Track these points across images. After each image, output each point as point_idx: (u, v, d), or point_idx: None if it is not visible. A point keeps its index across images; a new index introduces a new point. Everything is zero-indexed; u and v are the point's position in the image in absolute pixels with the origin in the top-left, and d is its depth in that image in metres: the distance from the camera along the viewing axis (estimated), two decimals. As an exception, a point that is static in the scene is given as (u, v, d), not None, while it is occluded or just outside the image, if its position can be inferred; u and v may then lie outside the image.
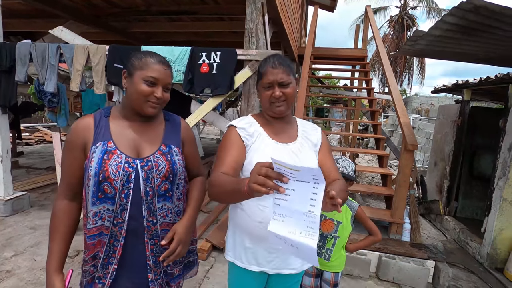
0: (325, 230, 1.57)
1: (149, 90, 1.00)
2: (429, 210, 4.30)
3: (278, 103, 1.11)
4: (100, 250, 1.00)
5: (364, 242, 1.66)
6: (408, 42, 2.60)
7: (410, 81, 19.59)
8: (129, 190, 0.98)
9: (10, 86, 3.35)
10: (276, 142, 1.13)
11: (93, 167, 0.96)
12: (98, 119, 1.04)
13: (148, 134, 1.08)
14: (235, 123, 1.15)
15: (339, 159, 1.58)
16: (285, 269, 1.15)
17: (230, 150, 1.09)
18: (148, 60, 1.01)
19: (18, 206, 3.66)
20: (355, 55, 6.40)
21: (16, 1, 4.03)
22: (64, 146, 1.05)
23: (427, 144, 8.85)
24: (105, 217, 0.98)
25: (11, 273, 2.43)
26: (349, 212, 1.58)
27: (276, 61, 1.09)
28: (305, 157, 1.13)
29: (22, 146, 7.94)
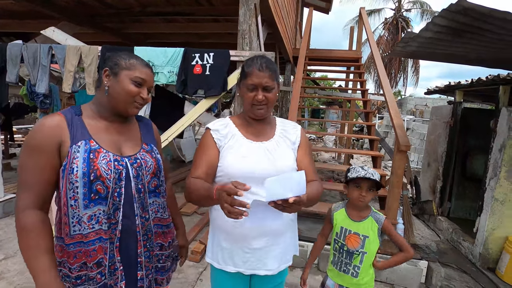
0: (350, 246, 1.46)
1: (136, 90, 1.01)
2: (422, 210, 4.33)
3: (259, 106, 1.12)
4: (103, 256, 0.95)
5: (395, 259, 1.48)
6: (399, 44, 2.63)
7: (405, 82, 19.78)
8: (121, 189, 0.96)
9: (1, 88, 3.31)
10: (251, 141, 1.15)
11: (80, 168, 0.90)
12: (69, 118, 0.97)
13: (127, 133, 1.08)
14: (210, 125, 1.19)
15: (364, 166, 1.48)
16: (260, 269, 1.15)
17: (203, 154, 1.14)
18: (135, 62, 1.02)
19: (9, 208, 3.62)
20: (349, 56, 6.43)
21: (8, 1, 3.99)
22: (26, 149, 0.91)
23: (421, 145, 8.92)
24: (102, 219, 0.94)
25: (1, 277, 2.39)
26: (375, 225, 1.46)
27: (264, 64, 1.09)
28: (280, 155, 1.15)
29: (14, 148, 7.84)
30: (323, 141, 13.39)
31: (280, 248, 1.16)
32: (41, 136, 0.92)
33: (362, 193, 1.43)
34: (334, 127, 14.44)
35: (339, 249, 1.49)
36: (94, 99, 1.05)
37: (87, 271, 0.94)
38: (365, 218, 1.48)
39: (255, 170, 1.09)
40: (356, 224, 1.47)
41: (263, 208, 1.01)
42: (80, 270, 0.94)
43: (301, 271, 2.74)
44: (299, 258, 2.80)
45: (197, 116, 2.92)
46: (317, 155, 9.56)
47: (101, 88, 1.02)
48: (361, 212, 1.49)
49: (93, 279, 0.95)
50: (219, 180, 1.13)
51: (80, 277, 0.94)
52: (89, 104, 1.05)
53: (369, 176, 1.39)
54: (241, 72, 1.16)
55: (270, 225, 1.09)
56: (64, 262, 0.95)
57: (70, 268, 0.94)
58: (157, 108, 3.12)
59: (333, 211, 1.56)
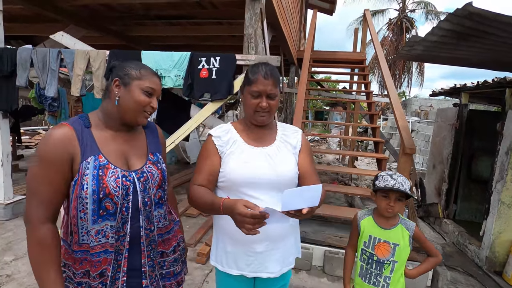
0: (380, 256, 1.40)
1: (147, 100, 1.02)
2: (428, 213, 4.32)
3: (262, 113, 1.14)
4: (107, 268, 0.97)
5: (426, 265, 1.46)
6: (405, 48, 2.63)
7: (409, 83, 19.68)
8: (128, 203, 0.98)
9: (11, 91, 3.38)
10: (252, 147, 1.17)
11: (89, 185, 0.91)
12: (79, 130, 0.96)
13: (134, 144, 1.08)
14: (212, 132, 1.21)
15: (393, 174, 1.38)
16: (263, 272, 1.17)
17: (205, 161, 1.16)
18: (145, 72, 1.04)
19: (18, 210, 3.68)
20: (354, 58, 6.43)
21: (17, 6, 4.07)
22: (38, 160, 0.91)
23: (426, 146, 8.86)
24: (109, 234, 0.96)
25: (11, 278, 2.44)
26: (406, 232, 1.41)
27: (269, 72, 1.12)
28: (281, 160, 1.17)
29: (22, 150, 7.95)
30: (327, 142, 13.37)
31: (280, 252, 1.18)
32: (53, 150, 0.91)
33: (390, 204, 1.36)
34: (338, 128, 14.41)
35: (368, 260, 1.43)
36: (101, 108, 1.05)
37: (89, 279, 0.96)
38: (395, 225, 1.43)
39: (257, 175, 1.11)
40: (386, 232, 1.42)
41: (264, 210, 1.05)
42: (82, 276, 0.96)
43: (307, 274, 2.76)
44: (304, 260, 2.81)
45: (203, 119, 2.95)
46: (321, 157, 9.55)
47: (110, 98, 1.02)
48: (390, 220, 1.44)
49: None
50: (222, 186, 1.16)
51: (81, 284, 0.96)
52: (97, 113, 1.05)
53: (397, 187, 1.32)
54: (245, 78, 1.18)
55: (271, 230, 1.11)
56: (69, 265, 0.98)
57: (74, 273, 0.97)
58: (164, 112, 3.16)
59: (359, 219, 1.51)
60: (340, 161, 9.02)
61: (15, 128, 6.12)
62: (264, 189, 1.12)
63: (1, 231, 3.23)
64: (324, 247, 2.88)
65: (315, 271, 2.82)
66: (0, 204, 3.50)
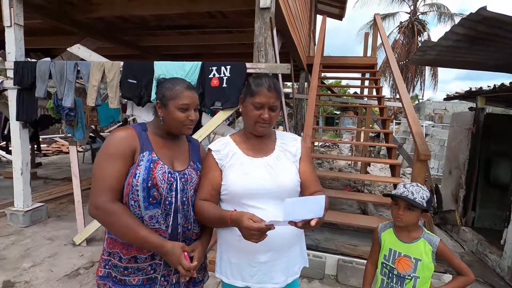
0: (401, 270, 1.34)
1: (184, 116, 1.14)
2: (444, 220, 4.19)
3: (263, 124, 1.17)
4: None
5: (453, 284, 1.36)
6: (417, 53, 2.60)
7: (422, 86, 19.30)
8: (171, 198, 1.10)
9: (31, 103, 3.51)
10: (251, 158, 1.19)
11: (141, 174, 1.05)
12: (138, 132, 1.14)
13: (179, 150, 1.23)
14: (211, 146, 1.25)
15: (409, 184, 1.34)
16: (268, 283, 1.16)
17: (206, 176, 1.20)
18: (178, 89, 1.14)
19: (36, 217, 3.78)
20: (364, 63, 6.38)
21: (36, 21, 4.26)
22: (106, 155, 1.07)
23: (441, 151, 8.64)
24: (160, 221, 1.09)
25: (30, 284, 2.50)
26: (429, 247, 1.34)
27: (272, 85, 1.15)
28: (282, 169, 1.18)
29: (40, 157, 8.21)
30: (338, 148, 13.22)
31: (284, 262, 1.17)
32: (119, 143, 1.08)
33: (399, 212, 1.34)
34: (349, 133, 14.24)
35: (388, 274, 1.38)
36: (153, 121, 1.22)
37: (137, 263, 1.09)
38: (417, 239, 1.37)
39: (257, 186, 1.13)
40: (406, 246, 1.36)
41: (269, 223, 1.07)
42: (128, 262, 1.08)
43: (320, 283, 2.71)
44: (317, 269, 2.76)
45: (215, 127, 2.98)
46: (333, 163, 9.44)
47: (157, 116, 1.19)
48: (411, 233, 1.38)
49: (143, 271, 1.09)
50: (224, 198, 1.18)
51: (127, 268, 1.08)
52: (150, 123, 1.22)
53: (405, 195, 1.29)
54: (247, 88, 1.20)
55: (274, 240, 1.11)
56: (114, 253, 1.10)
57: (121, 258, 1.08)
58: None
59: (380, 231, 1.46)
60: (352, 167, 8.89)
61: (34, 136, 6.35)
62: (266, 199, 1.13)
63: (20, 238, 3.33)
64: (337, 256, 2.83)
65: (328, 280, 2.77)
66: (19, 212, 3.62)
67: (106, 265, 1.12)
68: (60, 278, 2.59)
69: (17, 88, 3.48)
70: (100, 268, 1.15)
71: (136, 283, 1.09)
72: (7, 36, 3.45)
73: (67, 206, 4.45)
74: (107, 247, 1.13)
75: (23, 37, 3.57)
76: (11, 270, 2.69)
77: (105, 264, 1.13)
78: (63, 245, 3.21)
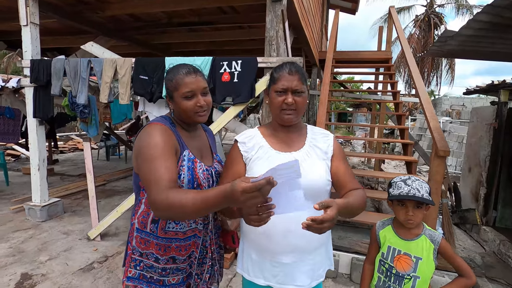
0: (400, 269, 1.26)
1: (192, 104, 1.07)
2: (464, 219, 4.02)
3: (288, 111, 1.09)
4: (195, 250, 1.11)
5: (454, 285, 1.27)
6: (436, 43, 2.48)
7: (439, 81, 18.69)
8: None
9: (47, 100, 3.59)
10: (278, 152, 1.12)
11: (185, 175, 1.03)
12: (170, 127, 1.07)
13: (202, 142, 1.20)
14: (237, 137, 1.20)
15: (407, 179, 1.25)
16: (290, 284, 1.10)
17: (229, 168, 1.16)
18: (178, 78, 1.07)
19: (53, 212, 3.88)
20: (379, 57, 6.21)
21: (51, 20, 4.34)
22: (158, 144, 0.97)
23: (459, 148, 8.34)
24: (198, 220, 1.10)
25: (46, 277, 2.56)
26: (431, 245, 1.25)
27: (293, 68, 1.09)
28: (310, 166, 1.09)
29: (57, 154, 8.45)
30: (352, 145, 13.00)
31: (310, 265, 1.11)
32: (167, 138, 1.01)
33: (409, 213, 1.23)
34: (363, 130, 13.96)
35: (386, 272, 1.30)
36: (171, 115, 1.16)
37: (174, 263, 1.08)
38: (418, 236, 1.28)
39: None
40: (406, 244, 1.28)
41: (288, 224, 1.03)
42: (166, 263, 1.07)
43: (333, 282, 2.65)
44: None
45: (226, 123, 2.96)
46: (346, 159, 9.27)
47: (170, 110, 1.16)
48: (412, 229, 1.29)
49: (182, 270, 1.10)
50: None
51: (166, 269, 1.08)
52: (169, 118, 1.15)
53: (413, 194, 1.19)
54: (270, 78, 1.15)
55: (298, 241, 1.06)
56: (149, 254, 1.07)
57: (157, 259, 1.06)
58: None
59: (378, 229, 1.38)
60: (366, 164, 8.72)
61: (51, 134, 6.52)
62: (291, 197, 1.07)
63: (37, 232, 3.42)
64: (351, 254, 2.76)
65: (341, 279, 2.71)
66: (36, 206, 3.72)
67: (137, 266, 1.08)
68: (75, 272, 2.64)
69: (33, 86, 3.56)
70: (129, 268, 1.10)
71: (176, 282, 1.10)
72: (24, 35, 3.52)
73: (82, 201, 4.54)
74: (138, 247, 1.08)
75: (39, 36, 3.64)
76: (29, 263, 2.76)
77: (136, 264, 1.08)
78: (78, 240, 3.27)
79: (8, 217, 3.82)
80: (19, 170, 6.38)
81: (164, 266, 1.07)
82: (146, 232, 1.08)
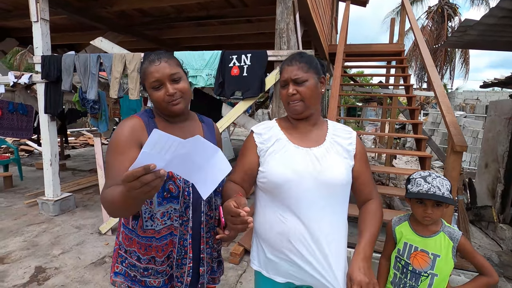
0: (417, 266, 1.22)
1: (161, 94, 1.00)
2: (479, 216, 3.91)
3: (292, 103, 1.05)
4: (173, 250, 1.03)
5: (474, 284, 1.22)
6: (455, 33, 2.37)
7: (452, 74, 18.19)
8: (189, 188, 1.02)
9: (57, 95, 3.62)
10: (297, 146, 1.06)
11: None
12: (146, 120, 1.04)
13: (191, 133, 1.09)
14: (254, 128, 1.15)
15: (428, 176, 1.19)
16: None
17: (242, 159, 1.12)
18: (144, 68, 1.02)
19: (65, 206, 3.94)
20: (390, 50, 6.04)
21: (60, 16, 4.36)
22: (112, 147, 0.98)
23: (474, 143, 8.12)
24: (173, 216, 1.01)
25: (59, 270, 2.60)
26: (450, 242, 1.21)
27: (294, 58, 1.05)
28: (330, 164, 1.04)
29: (68, 150, 8.59)
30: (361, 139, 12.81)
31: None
32: (125, 135, 0.98)
33: (427, 211, 1.18)
34: (373, 125, 13.74)
35: (402, 269, 1.26)
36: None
37: (155, 265, 1.02)
38: (436, 233, 1.23)
39: (301, 179, 1.00)
40: (423, 240, 1.23)
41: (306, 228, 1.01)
42: (148, 262, 1.02)
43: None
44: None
45: (235, 118, 2.92)
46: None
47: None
48: (430, 226, 1.25)
49: (162, 273, 1.03)
50: (263, 187, 1.08)
51: (147, 269, 1.02)
52: (155, 108, 1.10)
53: (433, 192, 1.13)
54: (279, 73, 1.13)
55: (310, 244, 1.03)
56: (132, 252, 1.03)
57: (139, 258, 1.02)
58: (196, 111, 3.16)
59: (393, 225, 1.33)
60: (376, 160, 8.58)
61: (62, 130, 6.62)
62: (308, 196, 1.01)
63: (50, 226, 3.48)
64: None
65: None
66: (49, 201, 3.78)
67: (123, 262, 1.07)
68: (87, 266, 2.67)
69: (44, 82, 3.59)
70: (116, 264, 1.09)
71: (157, 285, 1.04)
72: (34, 31, 3.54)
73: (93, 196, 4.60)
74: (123, 243, 1.06)
75: (49, 32, 3.66)
76: (42, 257, 2.80)
77: (122, 261, 1.07)
78: (89, 234, 3.31)
79: (22, 211, 3.90)
80: (32, 165, 6.51)
81: (146, 266, 1.02)
82: (129, 228, 1.05)
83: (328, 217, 1.03)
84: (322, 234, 1.02)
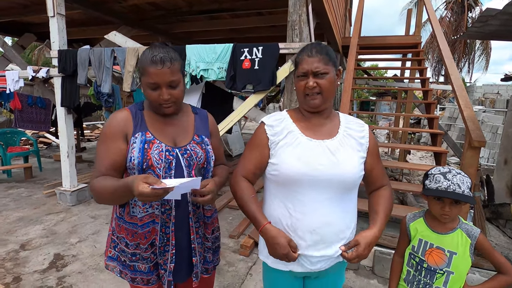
0: (432, 263, 1.18)
1: (155, 94, 1.01)
2: (497, 214, 3.79)
3: (311, 96, 1.02)
4: (155, 237, 1.06)
5: (492, 283, 1.19)
6: (476, 24, 2.27)
7: (470, 67, 17.52)
8: (171, 177, 1.03)
9: (73, 89, 3.71)
10: (310, 139, 1.04)
11: (136, 157, 1.01)
12: (134, 112, 1.08)
13: (181, 125, 1.13)
14: (265, 119, 1.12)
15: (448, 173, 1.13)
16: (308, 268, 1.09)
17: (253, 151, 1.10)
18: (145, 64, 0.99)
19: (82, 196, 4.07)
20: (406, 42, 5.86)
21: (76, 11, 4.44)
22: (100, 137, 1.06)
23: (493, 139, 7.85)
24: (154, 204, 1.04)
25: (76, 258, 2.70)
26: (467, 239, 1.17)
27: (314, 49, 1.01)
28: (344, 157, 1.02)
29: (84, 142, 8.83)
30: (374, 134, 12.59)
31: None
32: (112, 127, 1.04)
33: (445, 209, 1.14)
34: (386, 119, 13.46)
35: (417, 266, 1.24)
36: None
37: (140, 251, 1.06)
38: (452, 230, 1.19)
39: (314, 172, 0.99)
40: (439, 237, 1.20)
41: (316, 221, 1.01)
42: (135, 248, 1.06)
43: (354, 274, 2.60)
44: (352, 259, 2.65)
45: (246, 111, 2.92)
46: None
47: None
48: (447, 223, 1.21)
49: (147, 259, 1.07)
50: (274, 180, 1.07)
51: (135, 254, 1.07)
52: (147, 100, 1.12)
53: (452, 190, 1.09)
54: (294, 64, 1.10)
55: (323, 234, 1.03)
56: (121, 238, 1.08)
57: (127, 244, 1.07)
58: (208, 104, 3.19)
59: (408, 222, 1.30)
60: (390, 155, 8.42)
61: (78, 123, 6.80)
62: (322, 190, 1.00)
63: (67, 215, 3.61)
64: (374, 247, 2.69)
65: (363, 272, 2.65)
66: (66, 191, 3.91)
67: (115, 247, 1.12)
68: (102, 254, 2.76)
69: (61, 76, 3.68)
70: (109, 248, 1.14)
71: (144, 270, 1.08)
72: (51, 26, 3.63)
73: (108, 187, 4.72)
74: (115, 229, 1.12)
75: (65, 27, 3.74)
76: (61, 245, 2.92)
77: (115, 246, 1.12)
78: (104, 224, 3.42)
79: (42, 201, 4.06)
80: (50, 157, 6.74)
81: (133, 251, 1.06)
82: (117, 215, 1.10)
83: (338, 210, 1.03)
84: (332, 227, 1.02)
